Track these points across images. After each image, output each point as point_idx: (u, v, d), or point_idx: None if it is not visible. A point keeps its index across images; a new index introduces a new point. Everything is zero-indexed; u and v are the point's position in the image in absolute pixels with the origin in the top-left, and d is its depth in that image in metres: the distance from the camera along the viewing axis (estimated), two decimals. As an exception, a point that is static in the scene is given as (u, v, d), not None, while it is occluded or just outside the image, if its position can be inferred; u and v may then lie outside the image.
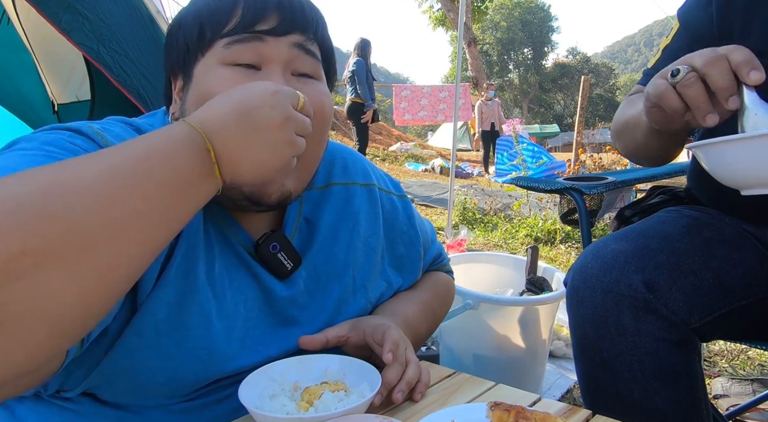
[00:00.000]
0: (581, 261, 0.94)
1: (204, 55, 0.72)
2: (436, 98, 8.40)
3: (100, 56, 2.05)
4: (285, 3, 0.72)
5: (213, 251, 0.74)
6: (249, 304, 0.77)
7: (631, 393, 0.87)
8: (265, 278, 0.78)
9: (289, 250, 0.79)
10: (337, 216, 0.87)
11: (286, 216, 0.83)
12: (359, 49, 7.36)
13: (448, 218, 4.49)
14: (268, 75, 0.70)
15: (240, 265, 0.77)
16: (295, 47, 0.72)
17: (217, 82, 0.69)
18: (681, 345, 0.87)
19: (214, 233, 0.75)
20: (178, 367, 0.69)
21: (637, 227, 1.00)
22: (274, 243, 0.78)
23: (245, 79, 0.69)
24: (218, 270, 0.74)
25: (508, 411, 0.62)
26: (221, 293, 0.74)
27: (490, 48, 39.71)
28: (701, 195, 1.12)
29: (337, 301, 0.85)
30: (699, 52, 0.74)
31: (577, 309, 0.92)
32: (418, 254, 0.99)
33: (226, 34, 0.70)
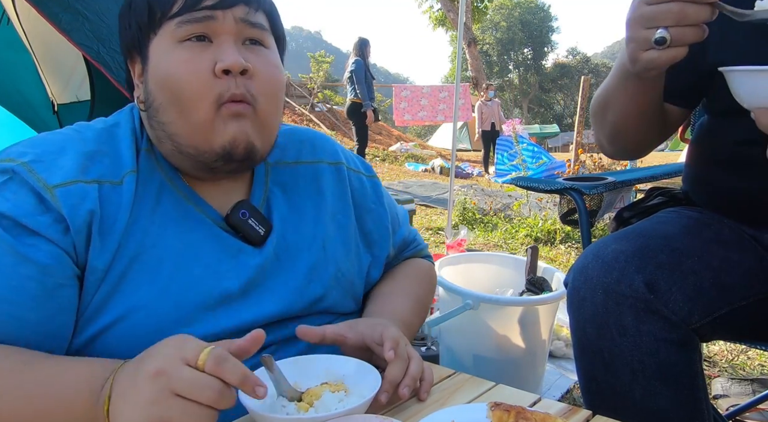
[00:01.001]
0: (581, 262, 0.94)
1: (156, 34, 0.76)
2: (436, 98, 8.40)
3: (100, 56, 2.04)
4: None
5: (171, 229, 0.77)
6: (220, 275, 0.78)
7: (633, 394, 0.87)
8: (237, 246, 0.81)
9: (258, 217, 0.83)
10: (304, 191, 0.91)
11: (253, 188, 0.87)
12: (358, 49, 7.36)
13: (448, 218, 4.49)
14: (221, 48, 0.75)
15: (207, 239, 0.79)
16: (241, 20, 0.77)
17: (175, 63, 0.74)
18: (682, 345, 0.87)
19: (176, 215, 0.79)
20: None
21: (638, 227, 1.00)
22: (243, 210, 0.82)
23: (200, 54, 0.74)
24: (181, 248, 0.77)
25: (509, 412, 0.62)
26: (187, 267, 0.76)
27: (490, 48, 39.70)
28: (697, 198, 1.12)
29: (307, 270, 0.86)
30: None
31: (577, 310, 0.92)
32: (387, 231, 1.00)
33: (176, 13, 0.75)
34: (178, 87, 0.74)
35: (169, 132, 0.77)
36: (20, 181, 0.70)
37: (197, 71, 0.74)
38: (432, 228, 5.14)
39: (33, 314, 0.68)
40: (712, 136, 1.08)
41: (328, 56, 17.01)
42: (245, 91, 0.75)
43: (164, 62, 0.75)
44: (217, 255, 0.79)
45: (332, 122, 14.49)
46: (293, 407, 0.67)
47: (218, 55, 0.75)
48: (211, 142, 0.76)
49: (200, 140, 0.76)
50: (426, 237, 4.82)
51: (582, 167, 5.55)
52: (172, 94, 0.75)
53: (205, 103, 0.74)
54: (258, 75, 0.77)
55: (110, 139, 0.79)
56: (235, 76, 0.75)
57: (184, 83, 0.74)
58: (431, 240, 4.68)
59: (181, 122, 0.76)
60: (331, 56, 17.30)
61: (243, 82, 0.75)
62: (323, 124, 13.99)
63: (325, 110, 15.29)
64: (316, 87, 15.79)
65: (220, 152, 0.76)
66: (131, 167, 0.77)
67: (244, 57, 0.76)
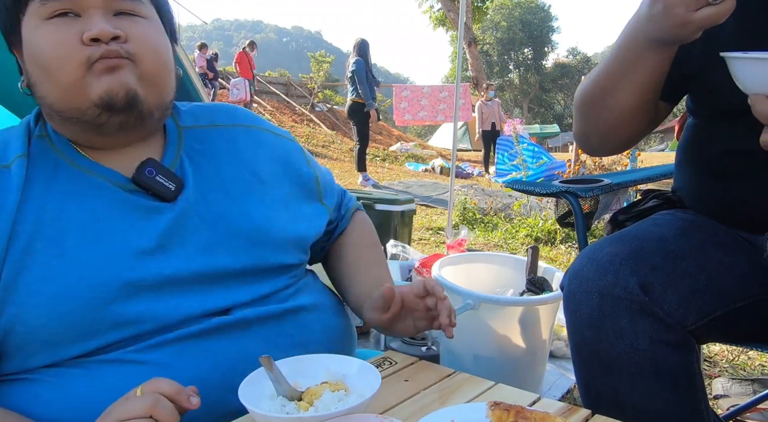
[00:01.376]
0: (577, 265, 0.94)
1: (24, 14, 0.76)
2: (437, 98, 8.39)
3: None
4: None
5: (71, 203, 0.76)
6: (132, 235, 0.76)
7: (631, 396, 0.87)
8: (147, 205, 0.79)
9: (167, 174, 0.81)
10: (220, 151, 0.90)
11: (165, 149, 0.86)
12: (358, 49, 7.37)
13: (449, 218, 4.49)
14: (89, 20, 0.74)
15: (113, 204, 0.78)
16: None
17: (44, 40, 0.74)
18: (678, 346, 0.87)
19: (75, 188, 0.77)
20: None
21: (632, 229, 1.00)
22: (149, 169, 0.80)
23: (68, 29, 0.73)
24: (85, 218, 0.75)
25: (508, 411, 0.62)
26: (95, 234, 0.75)
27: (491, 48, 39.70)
28: (689, 203, 1.12)
29: (230, 218, 0.83)
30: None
31: (573, 313, 0.92)
32: (330, 180, 1.05)
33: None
34: (45, 58, 0.74)
35: (49, 104, 0.77)
36: None
37: (63, 41, 0.73)
38: (432, 228, 5.14)
39: None
40: (698, 142, 1.07)
41: (329, 56, 17.02)
42: (119, 49, 0.74)
43: (33, 39, 0.75)
44: (126, 218, 0.77)
45: (332, 122, 14.49)
46: (293, 406, 0.67)
47: (85, 27, 0.74)
48: (87, 97, 0.74)
49: (76, 99, 0.75)
50: (426, 237, 4.82)
51: (582, 167, 5.55)
52: (41, 68, 0.75)
53: (72, 66, 0.73)
54: (133, 38, 0.76)
55: (1, 134, 0.81)
56: (108, 44, 0.74)
57: (50, 52, 0.73)
58: (431, 240, 4.68)
59: (55, 91, 0.75)
60: (332, 56, 17.31)
61: (120, 46, 0.74)
62: (323, 124, 13.99)
63: (325, 110, 15.30)
64: (316, 87, 15.81)
65: (99, 103, 0.74)
66: (21, 152, 0.77)
67: (117, 26, 0.75)
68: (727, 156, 0.99)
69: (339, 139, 12.48)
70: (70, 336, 0.72)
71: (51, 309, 0.71)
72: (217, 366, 0.76)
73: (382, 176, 8.96)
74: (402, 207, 3.64)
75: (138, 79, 0.76)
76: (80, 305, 0.71)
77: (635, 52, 0.92)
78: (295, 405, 0.67)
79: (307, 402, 0.67)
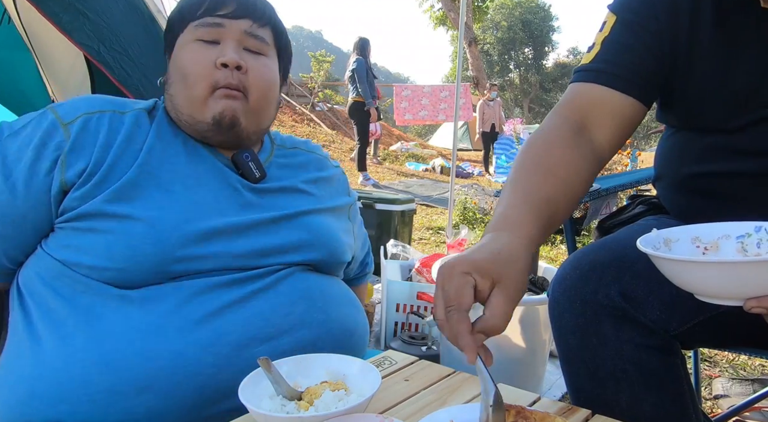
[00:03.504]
0: (560, 272, 0.93)
1: (183, 32, 0.97)
2: (437, 98, 8.39)
3: (101, 56, 2.04)
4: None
5: (180, 155, 0.94)
6: (209, 193, 0.93)
7: (619, 402, 0.87)
8: (235, 179, 0.96)
9: (258, 164, 0.99)
10: (299, 165, 1.09)
11: (259, 153, 1.05)
12: (358, 49, 7.37)
13: (449, 217, 4.49)
14: (224, 48, 0.95)
15: (212, 169, 0.96)
16: (245, 32, 0.96)
17: (188, 56, 0.95)
18: (662, 350, 0.87)
19: (185, 146, 0.96)
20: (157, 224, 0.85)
21: (616, 236, 0.99)
22: (246, 153, 0.99)
23: (208, 53, 0.94)
24: (182, 167, 0.93)
25: (508, 411, 0.63)
26: (193, 188, 0.92)
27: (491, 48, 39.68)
28: (670, 212, 1.11)
29: (294, 210, 0.98)
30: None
31: (558, 321, 0.92)
32: (363, 235, 1.22)
33: (196, 17, 0.96)
34: (186, 70, 0.94)
35: (174, 102, 0.97)
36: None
37: (202, 61, 0.94)
38: (433, 228, 5.15)
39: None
40: (671, 157, 1.06)
41: (329, 56, 17.00)
42: (238, 82, 0.94)
43: (181, 53, 0.96)
44: (219, 185, 0.95)
45: (333, 122, 14.48)
46: (293, 406, 0.67)
47: (220, 53, 0.94)
48: (204, 113, 0.94)
49: (196, 111, 0.95)
50: (427, 237, 4.82)
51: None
52: (181, 75, 0.95)
53: (203, 84, 0.93)
54: (251, 71, 0.96)
55: (118, 101, 0.99)
56: (232, 70, 0.93)
57: (190, 67, 0.94)
58: (432, 240, 4.68)
59: (183, 95, 0.95)
60: (332, 56, 17.29)
61: (238, 75, 0.94)
62: (324, 123, 13.98)
63: (325, 110, 15.29)
64: (316, 86, 15.80)
65: (211, 121, 0.94)
66: (143, 107, 0.98)
67: (242, 58, 0.95)
68: (696, 177, 0.98)
69: (339, 138, 12.48)
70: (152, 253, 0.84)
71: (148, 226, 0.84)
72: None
73: (382, 176, 8.96)
74: (402, 207, 3.64)
75: (243, 110, 0.96)
76: (168, 237, 0.85)
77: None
78: (295, 404, 0.67)
79: (307, 401, 0.67)
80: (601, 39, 0.96)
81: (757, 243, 0.73)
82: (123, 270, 0.83)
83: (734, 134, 0.91)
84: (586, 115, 0.93)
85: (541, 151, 0.89)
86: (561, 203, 0.83)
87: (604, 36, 0.96)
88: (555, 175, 0.84)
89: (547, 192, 0.82)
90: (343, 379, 0.73)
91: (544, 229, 0.78)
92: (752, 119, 0.89)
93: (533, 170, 0.86)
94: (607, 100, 0.93)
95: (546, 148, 0.90)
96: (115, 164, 0.88)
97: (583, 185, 0.89)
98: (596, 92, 0.94)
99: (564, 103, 0.97)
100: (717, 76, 0.90)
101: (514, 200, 0.80)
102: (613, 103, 0.93)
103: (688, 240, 0.76)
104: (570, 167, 0.86)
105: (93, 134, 0.89)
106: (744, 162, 0.91)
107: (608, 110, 0.93)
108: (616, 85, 0.92)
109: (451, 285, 0.66)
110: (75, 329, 0.80)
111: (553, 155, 0.88)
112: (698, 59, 0.92)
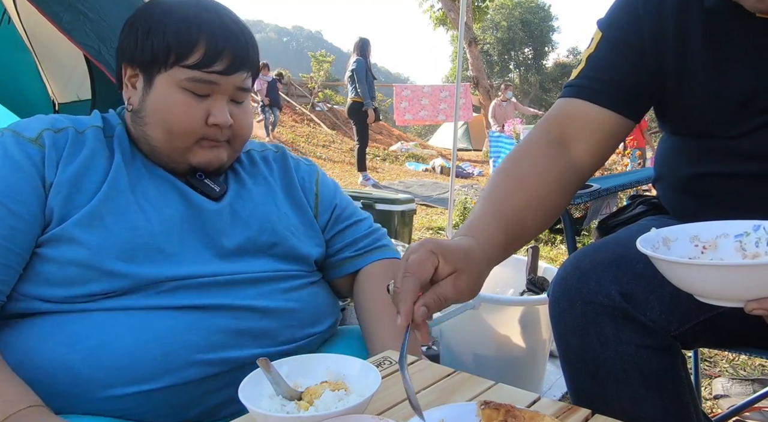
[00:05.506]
0: (561, 272, 0.94)
1: (167, 71, 0.90)
2: (437, 98, 8.39)
3: (101, 55, 2.04)
4: (236, 45, 0.92)
5: (143, 176, 0.93)
6: (176, 216, 0.92)
7: (620, 402, 0.87)
8: (195, 197, 0.95)
9: (214, 180, 0.98)
10: (257, 169, 1.07)
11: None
12: (359, 49, 7.37)
13: (449, 217, 4.49)
14: (214, 104, 0.92)
15: (170, 186, 0.94)
16: (236, 87, 0.94)
17: (175, 104, 0.91)
18: (663, 350, 0.87)
19: (145, 168, 0.95)
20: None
21: (617, 236, 0.99)
22: (199, 173, 0.97)
23: (197, 107, 0.91)
24: (147, 187, 0.92)
25: (498, 410, 0.63)
26: (147, 203, 0.90)
27: (491, 48, 39.67)
28: (670, 212, 1.11)
29: (261, 220, 0.98)
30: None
31: (559, 321, 0.92)
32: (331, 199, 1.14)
33: (188, 66, 0.89)
34: (173, 124, 0.91)
35: (151, 143, 0.94)
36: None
37: (192, 118, 0.91)
38: (433, 228, 5.15)
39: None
40: (669, 159, 1.06)
41: (329, 56, 17.01)
42: (225, 137, 0.95)
43: (166, 99, 0.91)
44: (181, 202, 0.94)
45: (333, 122, 14.48)
46: (293, 406, 0.67)
47: (212, 110, 0.92)
48: (188, 159, 0.94)
49: (177, 156, 0.94)
50: (427, 237, 4.81)
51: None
52: (165, 126, 0.91)
53: (189, 139, 0.93)
54: (236, 123, 0.96)
55: (72, 118, 0.96)
56: (222, 129, 0.93)
57: (179, 123, 0.91)
58: (432, 240, 4.67)
59: (164, 143, 0.93)
60: (332, 56, 17.29)
61: (226, 131, 0.94)
62: (324, 123, 13.99)
63: (325, 110, 15.29)
64: (316, 86, 15.80)
65: (194, 166, 0.95)
66: (96, 124, 0.95)
67: (230, 111, 0.94)
68: (697, 178, 0.98)
69: (339, 139, 12.48)
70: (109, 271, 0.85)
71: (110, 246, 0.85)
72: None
73: (382, 176, 8.97)
74: (402, 207, 3.65)
75: (228, 153, 0.97)
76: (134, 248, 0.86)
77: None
78: (295, 404, 0.67)
79: (307, 401, 0.67)
80: (587, 55, 0.99)
81: (756, 242, 0.73)
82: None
83: (734, 139, 0.91)
84: (566, 129, 0.96)
85: (514, 163, 0.93)
86: (529, 214, 0.87)
87: (589, 53, 0.98)
88: (524, 186, 0.88)
89: (514, 203, 0.86)
90: (343, 379, 0.73)
91: (509, 238, 0.82)
92: (751, 125, 0.89)
93: (504, 181, 0.90)
94: (588, 115, 0.95)
95: (520, 160, 0.94)
96: (80, 179, 0.87)
97: (556, 197, 0.92)
98: (578, 107, 0.96)
99: (547, 118, 1.00)
100: (711, 88, 0.91)
101: (482, 209, 0.85)
102: (593, 117, 0.95)
103: (686, 239, 0.76)
104: (540, 179, 0.90)
105: (58, 150, 0.88)
106: (744, 165, 0.91)
107: (588, 124, 0.95)
108: (596, 99, 0.94)
109: (415, 257, 0.70)
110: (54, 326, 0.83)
111: (525, 166, 0.91)
112: (690, 72, 0.92)
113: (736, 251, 0.74)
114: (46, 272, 0.84)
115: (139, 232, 0.87)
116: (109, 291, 0.85)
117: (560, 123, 0.97)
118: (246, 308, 0.91)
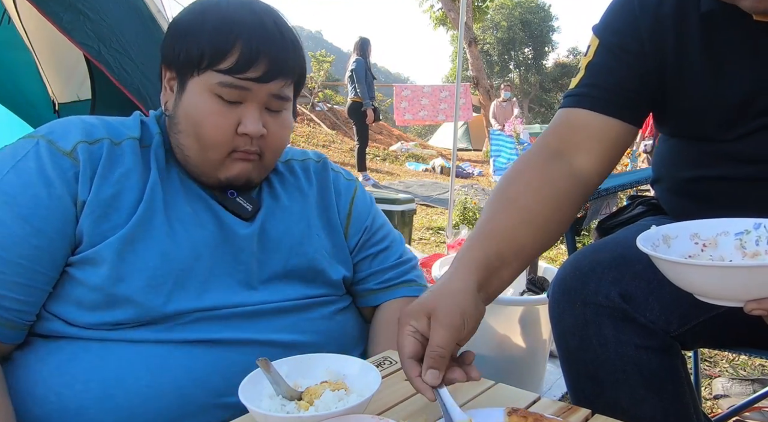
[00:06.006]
0: (560, 273, 0.94)
1: (199, 75, 0.86)
2: (437, 98, 8.39)
3: (101, 55, 2.05)
4: (275, 50, 0.87)
5: (178, 193, 0.90)
6: (208, 237, 0.89)
7: (620, 403, 0.87)
8: (227, 218, 0.92)
9: (247, 197, 0.94)
10: (293, 182, 1.03)
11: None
12: (359, 49, 7.37)
13: (449, 217, 4.49)
14: (246, 113, 0.87)
15: (203, 205, 0.91)
16: (271, 95, 0.88)
17: (205, 110, 0.86)
18: (662, 351, 0.87)
19: (181, 182, 0.91)
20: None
21: (616, 237, 0.99)
22: (231, 190, 0.93)
23: (228, 112, 0.86)
24: (181, 205, 0.89)
25: (526, 418, 0.62)
26: (179, 223, 0.88)
27: (491, 48, 39.65)
28: (669, 213, 1.11)
29: (292, 242, 0.96)
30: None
31: (558, 322, 0.92)
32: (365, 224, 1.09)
33: (221, 70, 0.85)
34: (202, 133, 0.87)
35: (184, 152, 0.91)
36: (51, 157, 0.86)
37: (222, 126, 0.86)
38: (433, 228, 5.14)
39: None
40: (668, 161, 1.06)
41: (329, 56, 17.00)
42: (257, 148, 0.90)
43: (197, 104, 0.87)
44: (213, 223, 0.91)
45: (333, 122, 14.48)
46: (293, 405, 0.67)
47: (243, 118, 0.87)
48: (217, 173, 0.90)
49: (208, 169, 0.90)
50: (427, 237, 4.82)
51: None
52: (196, 134, 0.87)
53: (221, 150, 0.88)
54: (270, 135, 0.90)
55: (118, 121, 0.93)
56: (252, 139, 0.88)
57: (208, 132, 0.87)
58: (432, 240, 4.68)
59: (196, 153, 0.89)
60: (332, 56, 17.29)
61: (257, 141, 0.89)
62: (324, 123, 13.98)
63: (325, 110, 15.28)
64: (316, 86, 15.79)
65: (223, 181, 0.91)
66: (135, 135, 0.91)
67: (263, 120, 0.88)
68: (694, 181, 0.98)
69: (339, 139, 12.48)
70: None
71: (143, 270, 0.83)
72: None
73: (382, 176, 8.96)
74: (402, 207, 3.65)
75: (257, 170, 0.92)
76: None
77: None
78: (295, 404, 0.67)
79: (307, 401, 0.67)
80: (585, 63, 0.97)
81: (756, 240, 0.73)
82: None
83: (731, 142, 0.91)
84: (567, 140, 0.94)
85: (509, 182, 0.93)
86: (522, 231, 0.85)
87: (588, 60, 0.97)
88: (514, 203, 0.88)
89: (501, 221, 0.86)
90: (343, 379, 0.73)
91: (491, 256, 0.81)
92: (748, 128, 0.89)
93: (495, 200, 0.91)
94: (590, 124, 0.93)
95: (514, 179, 0.93)
96: (115, 199, 0.84)
97: (552, 212, 0.90)
98: (579, 116, 0.94)
99: (548, 130, 0.98)
100: (710, 92, 0.90)
101: (474, 231, 0.86)
102: (596, 126, 0.93)
103: (686, 237, 0.76)
104: (534, 196, 0.89)
105: (93, 165, 0.84)
106: (742, 168, 0.91)
107: (591, 133, 0.93)
108: (597, 107, 0.93)
109: (398, 339, 0.72)
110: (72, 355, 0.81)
111: (519, 185, 0.91)
112: (689, 76, 0.92)
113: (736, 249, 0.74)
114: (76, 294, 0.82)
115: (168, 258, 0.84)
116: (132, 321, 0.82)
117: (560, 134, 0.95)
118: (269, 343, 0.88)
